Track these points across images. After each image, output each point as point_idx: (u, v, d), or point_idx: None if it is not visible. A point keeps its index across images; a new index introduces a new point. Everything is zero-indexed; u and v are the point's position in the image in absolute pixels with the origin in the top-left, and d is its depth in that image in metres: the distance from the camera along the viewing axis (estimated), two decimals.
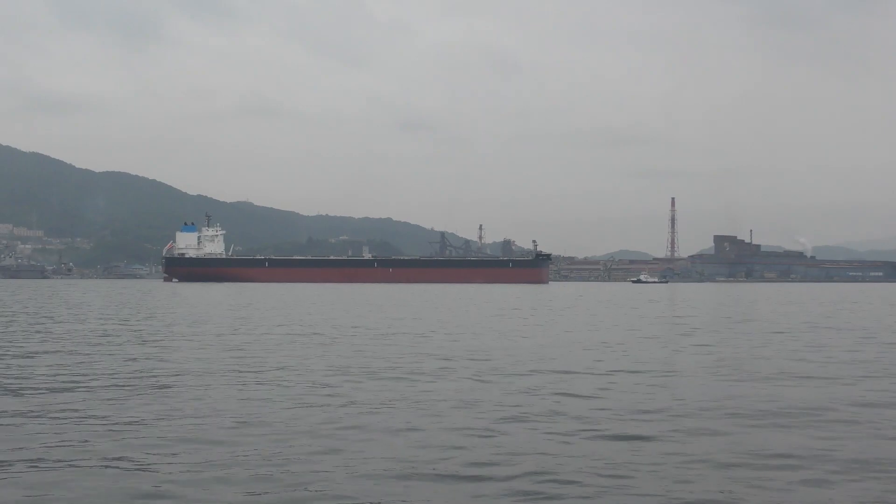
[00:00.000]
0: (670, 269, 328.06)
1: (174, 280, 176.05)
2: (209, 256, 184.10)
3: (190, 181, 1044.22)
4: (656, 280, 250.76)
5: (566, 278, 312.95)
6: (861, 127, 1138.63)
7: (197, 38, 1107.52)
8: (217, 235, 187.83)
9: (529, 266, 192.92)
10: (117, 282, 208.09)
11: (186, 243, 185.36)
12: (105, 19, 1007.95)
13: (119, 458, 10.01)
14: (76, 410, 13.07)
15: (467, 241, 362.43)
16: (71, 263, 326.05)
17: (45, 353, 22.15)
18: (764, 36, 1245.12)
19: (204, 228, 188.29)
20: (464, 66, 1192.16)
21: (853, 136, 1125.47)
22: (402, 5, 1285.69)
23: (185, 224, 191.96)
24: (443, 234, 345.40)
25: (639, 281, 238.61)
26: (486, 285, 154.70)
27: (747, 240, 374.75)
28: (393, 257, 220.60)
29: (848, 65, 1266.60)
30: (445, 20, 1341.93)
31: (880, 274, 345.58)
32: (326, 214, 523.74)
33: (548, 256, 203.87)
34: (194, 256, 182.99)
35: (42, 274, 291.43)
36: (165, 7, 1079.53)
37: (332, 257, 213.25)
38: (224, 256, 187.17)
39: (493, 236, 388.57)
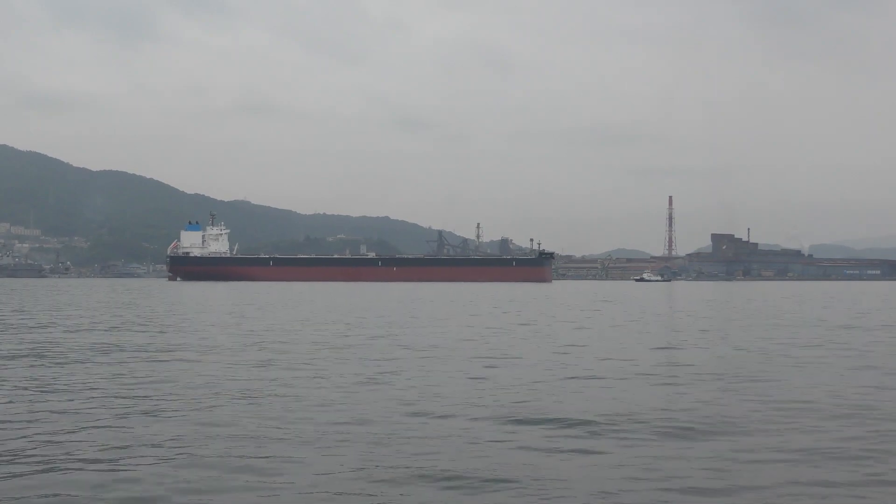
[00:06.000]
0: (668, 268, 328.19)
1: (177, 279, 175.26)
2: (214, 255, 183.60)
3: (187, 179, 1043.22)
4: (659, 279, 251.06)
5: (563, 276, 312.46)
6: (859, 125, 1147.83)
7: (192, 35, 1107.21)
8: (221, 234, 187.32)
9: (533, 265, 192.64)
10: (118, 281, 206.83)
11: (191, 242, 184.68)
12: (99, 16, 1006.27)
13: None
14: None
15: (465, 240, 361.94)
16: (68, 262, 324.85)
17: None
18: (763, 34, 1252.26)
19: (208, 227, 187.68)
20: (461, 64, 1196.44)
21: (851, 135, 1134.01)
22: (396, 2, 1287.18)
23: (189, 223, 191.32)
24: (440, 232, 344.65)
25: (642, 279, 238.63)
26: (491, 284, 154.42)
27: (745, 238, 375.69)
28: (396, 256, 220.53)
29: (847, 63, 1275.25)
30: (440, 17, 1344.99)
31: (878, 272, 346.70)
32: (324, 213, 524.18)
33: (551, 255, 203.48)
34: (199, 255, 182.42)
35: (39, 273, 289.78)
36: (159, 4, 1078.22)
37: (335, 256, 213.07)
38: (228, 255, 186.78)
39: (490, 234, 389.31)
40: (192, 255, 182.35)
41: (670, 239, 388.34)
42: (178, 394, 14.52)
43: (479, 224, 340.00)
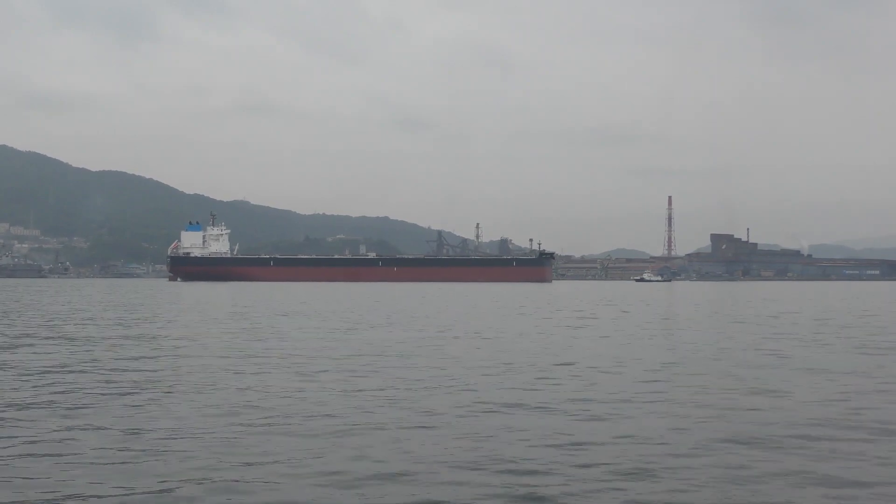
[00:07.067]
0: (667, 268, 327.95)
1: (178, 279, 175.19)
2: (214, 255, 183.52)
3: (186, 180, 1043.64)
4: (659, 279, 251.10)
5: (563, 276, 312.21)
6: (859, 125, 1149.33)
7: (192, 35, 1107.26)
8: (222, 234, 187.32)
9: (533, 265, 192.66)
10: (117, 281, 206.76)
11: (192, 242, 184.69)
12: (98, 16, 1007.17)
13: None
14: None
15: (464, 240, 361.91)
16: (68, 263, 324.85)
17: None
18: (763, 34, 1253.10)
19: (209, 227, 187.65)
20: (461, 64, 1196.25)
21: (851, 135, 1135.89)
22: (396, 2, 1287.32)
23: (190, 223, 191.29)
24: (440, 232, 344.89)
25: (642, 280, 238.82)
26: (492, 284, 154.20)
27: (745, 238, 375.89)
28: (397, 256, 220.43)
29: (847, 63, 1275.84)
30: (440, 17, 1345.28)
31: (877, 272, 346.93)
32: (323, 213, 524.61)
33: (551, 255, 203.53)
34: (199, 255, 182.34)
35: (39, 273, 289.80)
36: (159, 4, 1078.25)
37: (335, 256, 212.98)
38: (229, 255, 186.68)
39: (490, 234, 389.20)
40: (192, 255, 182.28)
41: (670, 239, 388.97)
42: None
43: (478, 224, 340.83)
